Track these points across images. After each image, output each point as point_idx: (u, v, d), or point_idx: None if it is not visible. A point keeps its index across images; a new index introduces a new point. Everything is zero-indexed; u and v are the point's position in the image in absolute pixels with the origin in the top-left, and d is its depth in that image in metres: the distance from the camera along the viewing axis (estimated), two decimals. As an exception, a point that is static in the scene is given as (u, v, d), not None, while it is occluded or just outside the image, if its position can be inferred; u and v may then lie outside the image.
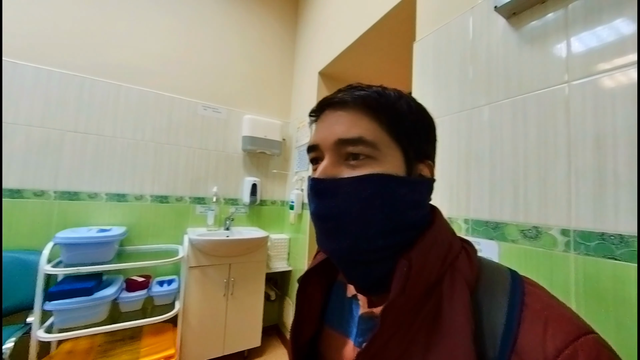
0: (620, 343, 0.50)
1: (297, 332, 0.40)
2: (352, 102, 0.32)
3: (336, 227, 0.31)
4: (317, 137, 0.34)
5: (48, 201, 1.47)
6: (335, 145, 0.32)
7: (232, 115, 2.01)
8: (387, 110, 0.32)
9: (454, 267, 0.31)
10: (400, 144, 0.32)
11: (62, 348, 1.36)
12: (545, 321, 0.26)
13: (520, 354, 0.25)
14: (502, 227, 0.71)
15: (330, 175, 0.31)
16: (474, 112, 0.81)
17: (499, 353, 0.26)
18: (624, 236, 0.51)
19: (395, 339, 0.30)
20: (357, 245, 0.30)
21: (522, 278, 0.32)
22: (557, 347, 0.24)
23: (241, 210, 2.01)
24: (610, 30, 0.56)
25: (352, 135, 0.31)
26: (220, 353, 1.62)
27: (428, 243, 0.31)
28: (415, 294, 0.30)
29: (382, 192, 0.30)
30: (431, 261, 0.31)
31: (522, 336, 0.26)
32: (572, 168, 0.59)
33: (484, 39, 0.80)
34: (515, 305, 0.28)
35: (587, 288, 0.55)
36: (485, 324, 0.28)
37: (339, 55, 1.61)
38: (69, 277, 1.33)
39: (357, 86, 0.34)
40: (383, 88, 0.34)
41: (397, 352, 0.30)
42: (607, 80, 0.56)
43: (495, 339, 0.27)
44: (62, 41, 1.52)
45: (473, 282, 0.31)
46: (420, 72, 1.01)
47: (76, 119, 1.55)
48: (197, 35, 1.92)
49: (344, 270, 0.34)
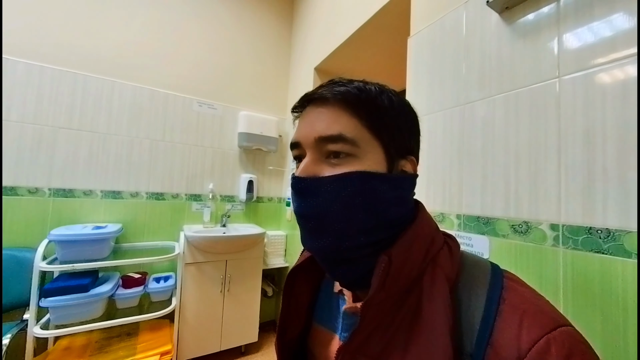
0: (606, 335, 0.51)
1: (283, 329, 0.41)
2: (332, 98, 0.31)
3: (318, 226, 0.31)
4: (299, 134, 0.33)
5: (42, 198, 1.46)
6: (316, 143, 0.31)
7: (227, 111, 2.00)
8: (368, 105, 0.31)
9: (435, 262, 0.32)
10: (381, 140, 0.31)
11: (59, 344, 1.36)
12: (521, 314, 0.26)
13: (496, 347, 0.26)
14: (494, 222, 0.71)
15: (311, 174, 0.31)
16: (467, 107, 0.81)
17: (475, 347, 0.26)
18: (611, 230, 0.52)
19: (377, 334, 0.31)
20: (339, 244, 0.30)
21: (502, 272, 0.32)
22: (532, 338, 0.24)
23: (237, 207, 2.01)
24: (602, 25, 0.56)
25: (332, 132, 0.30)
26: (217, 348, 1.63)
27: (409, 239, 0.31)
28: (395, 290, 0.30)
29: (363, 190, 0.30)
30: (413, 257, 0.31)
31: (498, 329, 0.26)
32: (562, 163, 0.60)
33: (477, 33, 0.80)
34: (493, 299, 0.28)
35: (575, 282, 0.56)
36: (464, 319, 0.28)
37: (335, 50, 1.60)
38: (65, 274, 1.33)
39: (338, 81, 0.33)
40: (364, 83, 0.33)
41: (378, 347, 0.30)
42: (597, 75, 0.56)
43: (472, 333, 0.27)
44: (53, 37, 1.50)
45: (453, 277, 0.31)
46: (415, 67, 1.01)
47: (70, 116, 1.53)
48: (192, 31, 1.90)
49: (327, 268, 0.34)
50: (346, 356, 0.31)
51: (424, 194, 0.90)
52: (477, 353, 0.26)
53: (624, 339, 0.49)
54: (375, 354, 0.30)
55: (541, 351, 0.24)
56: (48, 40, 1.49)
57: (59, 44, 1.51)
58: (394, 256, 0.29)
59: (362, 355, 0.31)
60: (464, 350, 0.27)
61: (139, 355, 1.33)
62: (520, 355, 0.24)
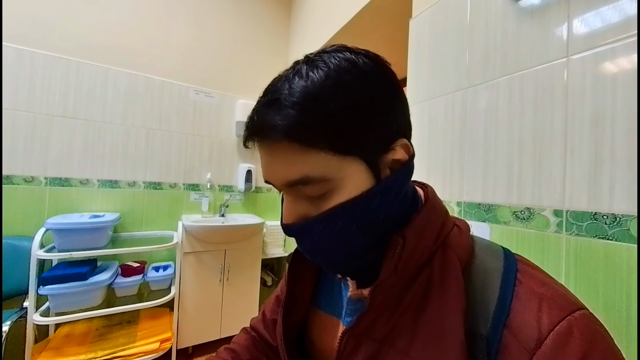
0: (608, 324, 0.49)
1: (288, 313, 0.39)
2: (275, 135, 0.25)
3: (325, 258, 0.31)
4: (265, 175, 0.31)
5: (39, 187, 1.45)
6: (286, 188, 0.29)
7: (225, 100, 1.96)
8: (321, 125, 0.25)
9: (445, 244, 0.31)
10: (353, 154, 0.27)
11: (59, 332, 1.37)
12: (540, 297, 0.25)
13: (513, 329, 0.25)
14: (495, 209, 0.70)
15: (296, 217, 0.30)
16: (469, 91, 0.78)
17: (491, 328, 0.25)
18: (617, 216, 0.50)
19: (383, 317, 0.30)
20: (347, 266, 0.32)
21: (514, 256, 0.31)
22: (552, 320, 0.23)
23: (236, 198, 2.00)
24: (616, 1, 0.52)
25: (294, 177, 0.27)
26: (217, 336, 1.65)
27: (422, 222, 0.30)
28: (406, 273, 0.29)
29: (354, 217, 0.28)
30: (424, 240, 0.29)
31: (516, 312, 0.25)
32: (568, 147, 0.57)
33: (482, 13, 0.76)
34: (509, 282, 0.27)
35: (578, 269, 0.54)
36: (478, 301, 0.27)
37: (334, 36, 1.55)
38: (63, 262, 1.33)
39: (273, 100, 0.27)
40: (305, 82, 0.26)
41: (384, 329, 0.29)
42: (608, 54, 0.53)
43: (487, 314, 0.26)
44: (44, 21, 1.45)
45: (465, 259, 0.30)
46: (416, 51, 0.97)
47: (64, 103, 1.50)
48: (187, 16, 1.84)
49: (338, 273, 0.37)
50: (351, 339, 0.31)
51: (424, 181, 0.88)
52: (492, 335, 0.25)
53: (627, 328, 0.47)
54: (381, 337, 0.29)
55: (563, 333, 0.23)
56: (39, 26, 1.44)
57: (49, 29, 1.47)
58: (408, 239, 0.28)
59: (367, 338, 0.30)
60: (478, 332, 0.26)
61: (139, 342, 1.34)
62: (540, 338, 0.23)
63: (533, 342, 0.23)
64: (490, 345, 0.25)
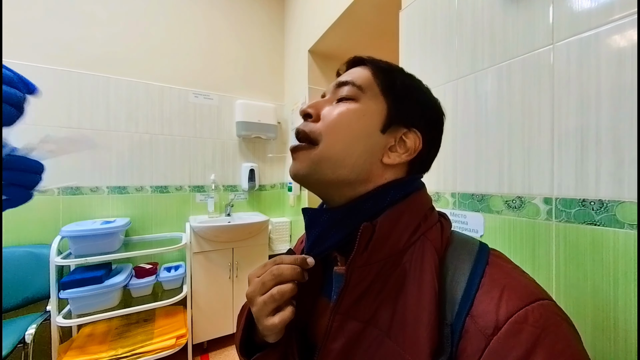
0: (597, 307, 0.51)
1: (301, 299, 0.37)
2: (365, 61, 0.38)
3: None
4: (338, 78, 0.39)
5: (52, 197, 1.52)
6: (333, 88, 0.38)
7: (224, 101, 1.99)
8: (385, 69, 0.37)
9: (425, 236, 0.33)
10: (386, 97, 0.35)
11: (82, 332, 1.46)
12: (502, 288, 0.27)
13: (475, 317, 0.26)
14: (488, 199, 0.71)
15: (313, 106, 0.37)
16: (459, 82, 0.78)
17: (456, 316, 0.27)
18: (604, 201, 0.50)
19: (368, 299, 0.32)
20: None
21: (489, 250, 0.33)
22: (509, 310, 0.25)
23: (241, 197, 2.04)
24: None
25: (346, 79, 0.36)
26: (230, 331, 1.71)
27: (398, 211, 0.32)
28: (380, 256, 0.31)
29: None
30: (400, 228, 0.32)
31: (479, 300, 0.27)
32: (555, 136, 0.58)
33: (469, 2, 0.75)
34: (477, 273, 0.29)
35: (567, 254, 0.55)
36: (448, 290, 0.29)
37: (327, 31, 1.54)
38: (80, 267, 1.40)
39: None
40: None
41: (369, 312, 0.31)
42: (593, 38, 0.52)
43: (454, 304, 0.28)
44: (42, 35, 1.49)
45: (441, 250, 0.32)
46: (407, 42, 0.97)
47: (68, 115, 1.55)
48: (181, 20, 1.86)
49: None
50: (337, 317, 0.32)
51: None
52: (456, 322, 0.27)
53: (614, 311, 0.49)
54: (365, 318, 0.31)
55: (519, 321, 0.24)
56: (37, 40, 1.48)
57: (47, 42, 1.50)
58: (379, 223, 0.31)
59: (352, 318, 0.31)
60: (445, 320, 0.28)
61: (156, 339, 1.41)
62: (498, 325, 0.25)
63: (490, 329, 0.25)
64: (454, 331, 0.27)
